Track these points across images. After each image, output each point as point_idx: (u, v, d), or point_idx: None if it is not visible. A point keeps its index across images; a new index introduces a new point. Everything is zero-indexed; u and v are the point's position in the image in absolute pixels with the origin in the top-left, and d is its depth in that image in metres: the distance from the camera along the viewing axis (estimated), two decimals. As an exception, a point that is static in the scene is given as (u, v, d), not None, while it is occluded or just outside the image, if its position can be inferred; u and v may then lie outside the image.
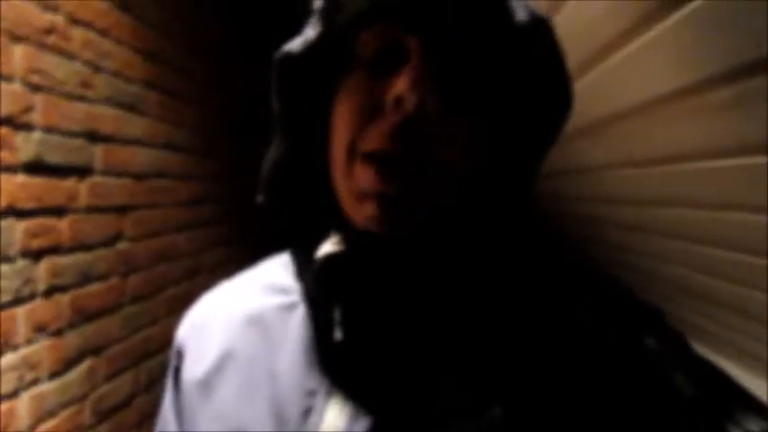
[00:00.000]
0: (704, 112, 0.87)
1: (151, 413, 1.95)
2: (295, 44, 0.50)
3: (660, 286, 1.91)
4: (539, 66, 0.48)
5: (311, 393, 0.49)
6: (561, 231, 2.46)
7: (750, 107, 0.77)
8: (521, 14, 0.45)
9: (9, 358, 1.30)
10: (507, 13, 0.45)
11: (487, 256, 0.51)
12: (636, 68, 0.93)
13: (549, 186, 1.99)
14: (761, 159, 0.84)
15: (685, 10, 0.72)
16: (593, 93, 1.10)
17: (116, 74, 1.72)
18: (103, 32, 1.64)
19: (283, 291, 0.56)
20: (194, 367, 0.56)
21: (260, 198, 0.54)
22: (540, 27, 0.46)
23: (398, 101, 0.44)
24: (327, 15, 0.49)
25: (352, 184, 0.47)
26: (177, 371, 0.58)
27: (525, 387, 0.46)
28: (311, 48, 0.49)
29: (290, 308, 0.55)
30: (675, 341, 0.50)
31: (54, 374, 1.47)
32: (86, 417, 1.62)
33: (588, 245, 2.31)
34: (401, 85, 0.44)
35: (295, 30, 0.51)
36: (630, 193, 1.45)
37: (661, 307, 0.52)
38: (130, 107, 1.81)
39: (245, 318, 0.56)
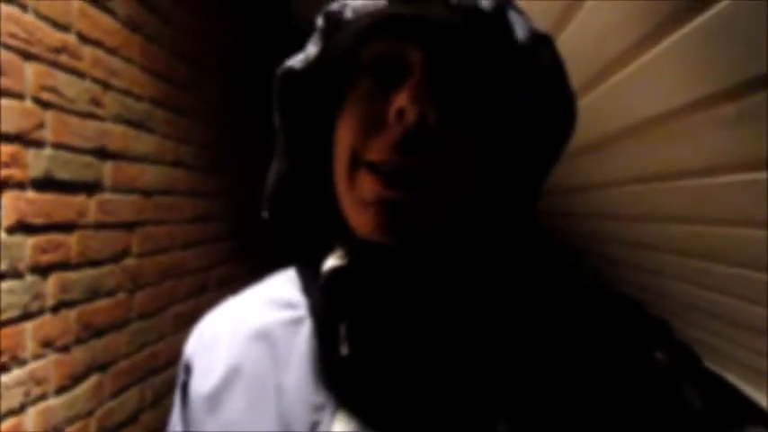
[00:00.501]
0: (708, 128, 0.87)
1: (157, 429, 1.94)
2: (296, 60, 0.51)
3: (664, 302, 1.90)
4: (540, 82, 0.49)
5: (318, 408, 0.49)
6: (567, 248, 2.45)
7: (754, 123, 0.78)
8: (520, 32, 0.46)
9: (16, 373, 1.30)
10: (506, 30, 0.46)
11: (492, 268, 0.51)
12: (640, 85, 0.94)
13: (556, 203, 1.99)
14: (763, 175, 0.84)
15: (688, 27, 0.73)
16: (598, 110, 1.10)
17: (125, 92, 1.74)
18: (113, 51, 1.66)
19: (290, 305, 0.57)
20: (202, 382, 0.56)
21: (265, 213, 0.55)
22: (540, 44, 0.47)
23: (400, 113, 0.45)
24: (328, 34, 0.50)
25: (356, 193, 0.48)
26: (185, 386, 0.59)
27: (532, 401, 0.46)
28: (312, 64, 0.50)
29: (296, 322, 0.55)
30: (684, 353, 0.50)
31: (61, 390, 1.47)
32: (92, 433, 1.61)
33: (593, 261, 2.30)
34: (403, 98, 0.45)
35: (299, 46, 0.52)
36: (635, 209, 1.45)
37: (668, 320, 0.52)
38: (139, 124, 1.83)
39: (252, 333, 0.56)
